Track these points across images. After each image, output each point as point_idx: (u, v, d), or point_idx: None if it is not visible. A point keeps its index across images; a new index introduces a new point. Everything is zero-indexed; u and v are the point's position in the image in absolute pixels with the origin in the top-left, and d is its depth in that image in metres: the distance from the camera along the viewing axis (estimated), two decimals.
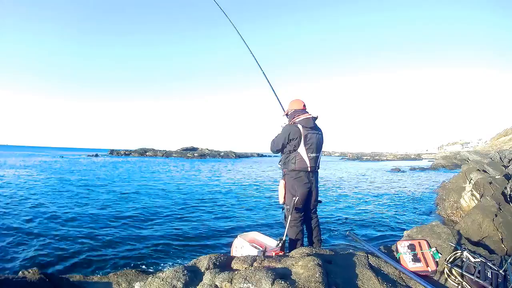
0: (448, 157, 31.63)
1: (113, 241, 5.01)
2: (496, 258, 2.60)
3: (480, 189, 6.45)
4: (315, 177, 3.07)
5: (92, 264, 4.07)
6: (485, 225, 3.86)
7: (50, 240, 4.96)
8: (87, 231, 5.51)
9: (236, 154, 58.18)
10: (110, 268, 3.90)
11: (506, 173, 7.79)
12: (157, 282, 1.95)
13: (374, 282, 2.05)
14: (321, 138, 3.08)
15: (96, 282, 2.81)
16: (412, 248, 2.53)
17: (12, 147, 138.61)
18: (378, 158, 54.24)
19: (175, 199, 9.25)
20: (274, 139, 3.10)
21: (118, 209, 7.51)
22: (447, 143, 63.83)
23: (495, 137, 43.05)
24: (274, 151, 3.09)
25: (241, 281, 1.77)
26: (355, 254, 2.48)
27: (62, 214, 6.76)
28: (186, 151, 55.13)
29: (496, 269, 2.22)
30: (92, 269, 3.89)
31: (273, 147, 3.07)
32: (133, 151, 55.09)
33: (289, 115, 3.16)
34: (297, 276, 1.90)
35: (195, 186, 12.66)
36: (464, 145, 54.96)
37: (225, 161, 42.73)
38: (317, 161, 3.03)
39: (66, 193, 9.77)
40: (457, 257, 2.48)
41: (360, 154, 71.15)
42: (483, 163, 10.47)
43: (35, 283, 2.05)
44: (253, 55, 3.78)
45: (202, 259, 2.35)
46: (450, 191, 8.40)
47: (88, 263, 4.10)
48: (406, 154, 62.93)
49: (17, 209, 7.17)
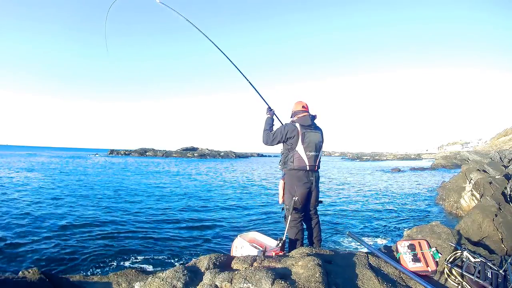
0: (448, 157, 31.64)
1: (113, 241, 5.01)
2: (496, 258, 2.59)
3: (480, 189, 6.45)
4: (315, 177, 3.06)
5: (92, 264, 4.07)
6: (485, 225, 3.86)
7: (50, 240, 4.96)
8: (87, 231, 5.51)
9: (236, 154, 58.20)
10: (110, 268, 3.90)
11: (506, 173, 7.79)
12: (157, 282, 1.95)
13: (374, 282, 2.05)
14: (320, 137, 3.07)
15: (96, 282, 2.81)
16: (412, 248, 2.53)
17: (12, 147, 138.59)
18: (378, 158, 54.26)
19: (174, 199, 9.25)
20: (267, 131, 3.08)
21: (118, 209, 7.51)
22: (447, 143, 63.85)
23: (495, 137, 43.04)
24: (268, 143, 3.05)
25: (241, 281, 1.77)
26: (355, 254, 2.47)
27: (61, 214, 6.77)
28: (186, 151, 55.14)
29: (496, 269, 2.22)
30: (92, 269, 3.89)
31: (268, 139, 3.04)
32: (133, 151, 55.13)
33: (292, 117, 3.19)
34: (297, 276, 1.89)
35: (195, 186, 12.66)
36: (464, 145, 54.97)
37: (225, 161, 42.74)
38: (316, 160, 3.02)
39: (65, 193, 9.77)
40: (457, 257, 2.48)
41: (360, 154, 71.16)
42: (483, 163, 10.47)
43: (35, 283, 2.05)
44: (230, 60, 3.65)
45: (202, 259, 2.35)
46: (450, 191, 8.41)
47: (88, 263, 4.10)
48: (406, 154, 62.95)
49: (16, 209, 7.17)
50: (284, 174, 3.07)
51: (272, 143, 3.03)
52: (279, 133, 2.99)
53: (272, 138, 3.02)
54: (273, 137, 3.01)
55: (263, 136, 3.09)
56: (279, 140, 2.99)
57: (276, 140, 3.00)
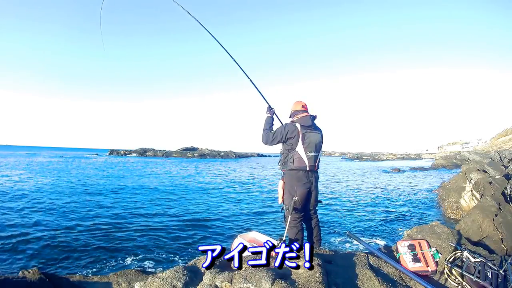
0: (448, 157, 31.64)
1: (113, 241, 5.00)
2: (496, 258, 2.60)
3: (480, 189, 6.45)
4: (315, 177, 3.07)
5: (92, 264, 4.07)
6: (485, 225, 3.86)
7: (50, 240, 4.96)
8: (87, 231, 5.51)
9: (236, 154, 58.18)
10: (110, 268, 3.90)
11: (506, 173, 7.79)
12: (157, 282, 1.96)
13: (374, 282, 2.05)
14: (320, 137, 3.08)
15: (96, 282, 2.81)
16: (412, 248, 2.53)
17: (12, 147, 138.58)
18: (378, 158, 54.26)
19: (174, 199, 9.25)
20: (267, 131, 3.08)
21: (117, 209, 7.52)
22: (447, 143, 63.79)
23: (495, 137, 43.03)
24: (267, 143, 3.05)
25: (241, 281, 1.77)
26: (355, 254, 2.47)
27: (61, 214, 6.77)
28: (186, 151, 55.12)
29: (496, 269, 2.22)
30: (92, 269, 3.89)
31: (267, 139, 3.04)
32: (133, 151, 55.12)
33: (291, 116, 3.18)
34: (297, 276, 1.90)
35: (195, 187, 12.66)
36: (464, 145, 54.94)
37: (225, 161, 42.74)
38: (316, 160, 3.02)
39: (65, 193, 9.77)
40: (457, 257, 2.48)
41: (360, 154, 71.16)
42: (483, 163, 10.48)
43: (35, 283, 2.05)
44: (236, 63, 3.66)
45: (202, 259, 2.35)
46: (450, 191, 8.40)
47: (88, 263, 4.10)
48: (406, 154, 62.96)
49: (16, 209, 7.17)
50: (283, 174, 3.06)
51: (272, 143, 3.02)
52: (279, 133, 2.98)
53: (272, 138, 3.01)
54: (273, 137, 3.01)
55: (263, 136, 3.08)
56: (279, 140, 2.99)
57: (276, 140, 2.99)
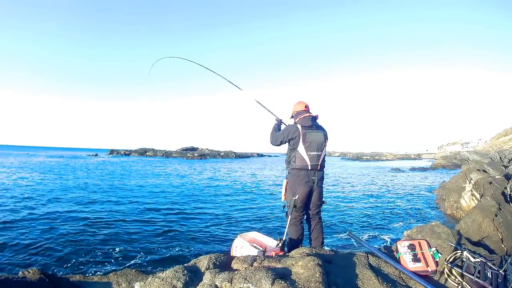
0: (448, 157, 31.65)
1: (113, 241, 5.01)
2: (496, 258, 2.59)
3: (480, 189, 6.45)
4: (319, 177, 3.09)
5: (92, 264, 4.07)
6: (485, 225, 3.86)
7: (50, 240, 4.96)
8: (87, 231, 5.51)
9: (236, 154, 58.18)
10: (110, 268, 3.90)
11: (506, 173, 7.79)
12: (157, 282, 1.95)
13: (374, 282, 2.05)
14: (322, 137, 3.12)
15: (96, 282, 2.80)
16: (412, 248, 2.53)
17: (12, 147, 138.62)
18: (378, 158, 54.26)
19: (174, 199, 9.25)
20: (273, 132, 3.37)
21: (117, 209, 7.51)
22: (447, 143, 63.78)
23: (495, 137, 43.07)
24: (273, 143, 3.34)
25: (241, 281, 1.77)
26: (355, 254, 2.47)
27: (61, 214, 6.77)
28: (186, 151, 55.10)
29: (496, 269, 2.22)
30: (92, 269, 3.89)
31: (272, 140, 3.32)
32: (133, 151, 55.12)
33: (293, 117, 3.31)
34: (297, 276, 1.90)
35: (195, 187, 12.66)
36: (464, 145, 54.94)
37: (225, 161, 42.74)
38: (319, 159, 3.06)
39: (65, 194, 9.78)
40: (457, 257, 2.48)
41: (360, 154, 71.12)
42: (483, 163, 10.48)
43: (35, 283, 2.05)
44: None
45: (202, 259, 2.35)
46: (450, 191, 8.41)
47: (88, 263, 4.10)
48: (406, 154, 62.94)
49: (15, 209, 7.17)
50: (288, 173, 3.16)
51: (276, 143, 3.28)
52: (281, 134, 3.20)
53: (275, 139, 3.26)
54: (277, 138, 3.25)
55: (270, 137, 3.38)
56: (281, 141, 3.19)
57: (279, 140, 3.22)
